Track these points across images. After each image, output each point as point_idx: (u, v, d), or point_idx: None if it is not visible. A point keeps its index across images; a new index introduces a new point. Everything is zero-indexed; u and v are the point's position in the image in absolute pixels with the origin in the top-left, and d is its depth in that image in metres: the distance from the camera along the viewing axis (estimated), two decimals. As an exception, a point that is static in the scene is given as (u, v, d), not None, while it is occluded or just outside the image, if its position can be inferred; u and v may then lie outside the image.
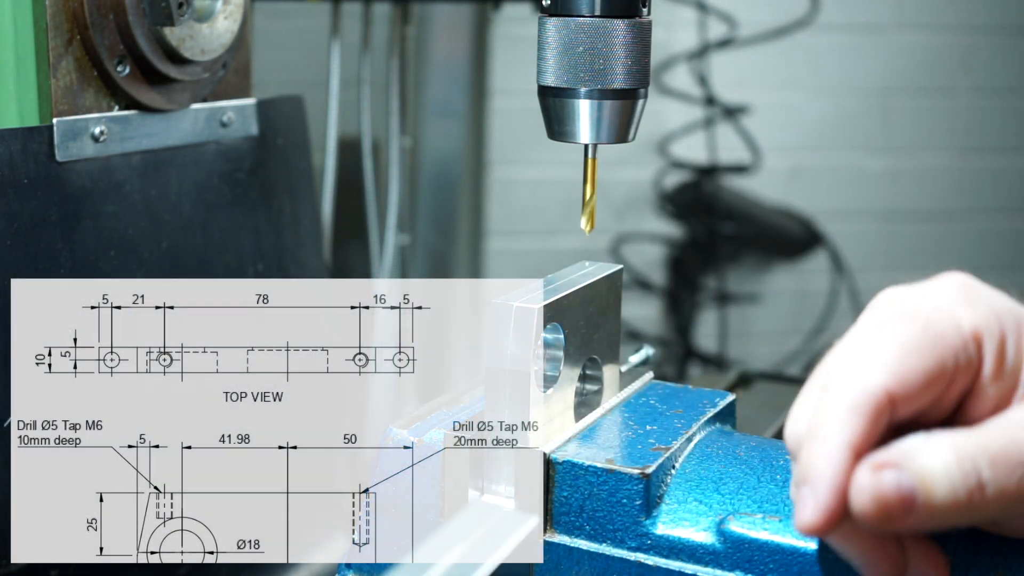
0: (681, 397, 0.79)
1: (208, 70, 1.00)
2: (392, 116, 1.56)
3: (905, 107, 2.67)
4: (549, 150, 2.36)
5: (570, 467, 0.68)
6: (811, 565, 0.62)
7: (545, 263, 2.10)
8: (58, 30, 0.89)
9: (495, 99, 2.02)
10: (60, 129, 0.90)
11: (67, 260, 0.90)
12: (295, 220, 1.14)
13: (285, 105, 1.13)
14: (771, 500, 0.66)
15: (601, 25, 0.76)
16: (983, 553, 0.61)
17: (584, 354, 0.76)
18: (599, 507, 0.67)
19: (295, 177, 1.14)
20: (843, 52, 2.62)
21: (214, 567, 1.07)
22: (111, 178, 0.95)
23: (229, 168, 1.06)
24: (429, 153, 1.81)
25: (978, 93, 2.69)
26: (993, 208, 2.72)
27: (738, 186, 2.55)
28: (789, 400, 0.77)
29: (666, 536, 0.66)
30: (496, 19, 1.87)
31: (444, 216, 1.84)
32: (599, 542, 0.67)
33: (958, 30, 2.66)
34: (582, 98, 0.77)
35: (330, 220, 1.45)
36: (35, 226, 0.88)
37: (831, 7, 2.44)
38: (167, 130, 0.99)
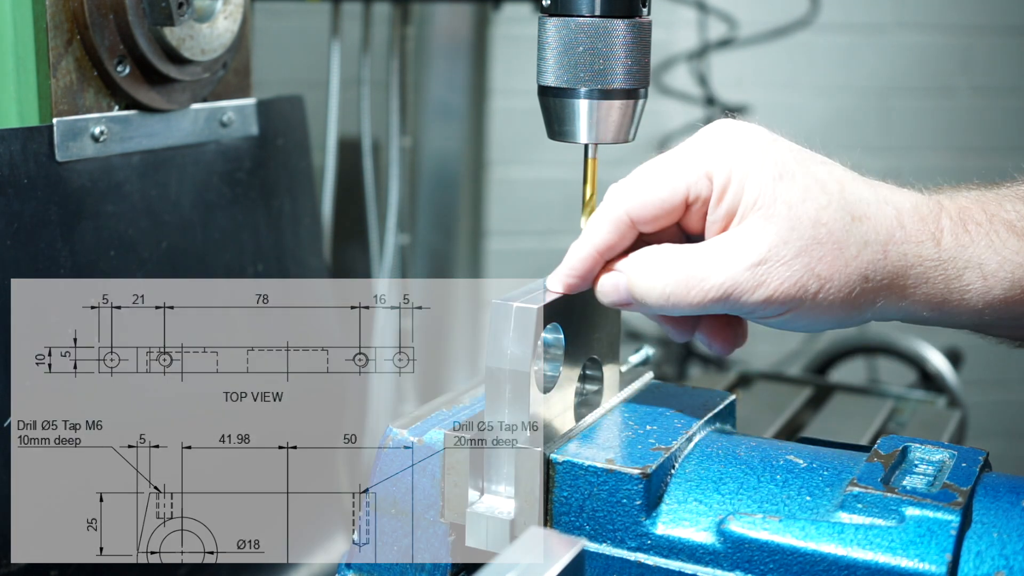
0: (681, 397, 0.79)
1: (208, 70, 1.00)
2: (392, 116, 1.56)
3: (905, 107, 2.67)
4: (549, 150, 2.36)
5: (570, 467, 0.68)
6: (811, 565, 0.62)
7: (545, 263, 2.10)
8: (58, 30, 0.89)
9: (495, 99, 2.02)
10: (60, 129, 0.90)
11: (67, 260, 0.90)
12: (295, 220, 1.14)
13: (285, 105, 1.13)
14: (771, 500, 0.66)
15: (601, 25, 0.76)
16: (984, 553, 0.61)
17: (584, 354, 0.76)
18: (599, 507, 0.67)
19: (295, 177, 1.14)
20: (843, 52, 2.62)
21: (214, 567, 1.07)
22: (111, 178, 0.94)
23: (229, 168, 1.06)
24: (429, 153, 1.81)
25: (978, 93, 2.69)
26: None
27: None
28: (789, 400, 0.76)
29: (666, 536, 0.66)
30: (496, 19, 1.87)
31: (444, 216, 1.84)
32: (599, 542, 0.67)
33: (958, 30, 2.66)
34: (582, 98, 0.77)
35: (330, 220, 1.45)
36: (35, 226, 0.88)
37: (831, 7, 2.44)
38: (167, 130, 0.99)
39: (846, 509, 0.64)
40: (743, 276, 0.68)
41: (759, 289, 0.68)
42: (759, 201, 0.69)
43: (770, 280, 0.68)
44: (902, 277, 0.69)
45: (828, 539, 0.62)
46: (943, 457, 0.69)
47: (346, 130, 1.51)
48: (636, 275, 0.71)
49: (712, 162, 0.70)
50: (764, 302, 0.68)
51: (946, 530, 0.61)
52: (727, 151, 0.71)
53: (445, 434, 0.70)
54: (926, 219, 0.70)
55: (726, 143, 0.71)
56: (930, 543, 0.61)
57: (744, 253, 0.68)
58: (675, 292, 0.69)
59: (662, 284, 0.69)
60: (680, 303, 0.69)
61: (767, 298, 0.68)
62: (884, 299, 0.69)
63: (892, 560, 0.61)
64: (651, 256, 0.71)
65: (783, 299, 0.68)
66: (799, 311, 0.69)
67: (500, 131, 2.25)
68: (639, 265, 0.71)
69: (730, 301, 0.68)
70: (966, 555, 0.61)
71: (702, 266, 0.69)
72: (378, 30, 1.57)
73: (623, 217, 0.71)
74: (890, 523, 0.62)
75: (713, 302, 0.68)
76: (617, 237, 0.72)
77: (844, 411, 1.22)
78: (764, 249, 0.68)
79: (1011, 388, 2.81)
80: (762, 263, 0.68)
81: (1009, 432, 2.73)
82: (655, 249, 0.71)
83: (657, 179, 0.71)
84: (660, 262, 0.70)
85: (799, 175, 0.69)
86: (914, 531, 0.62)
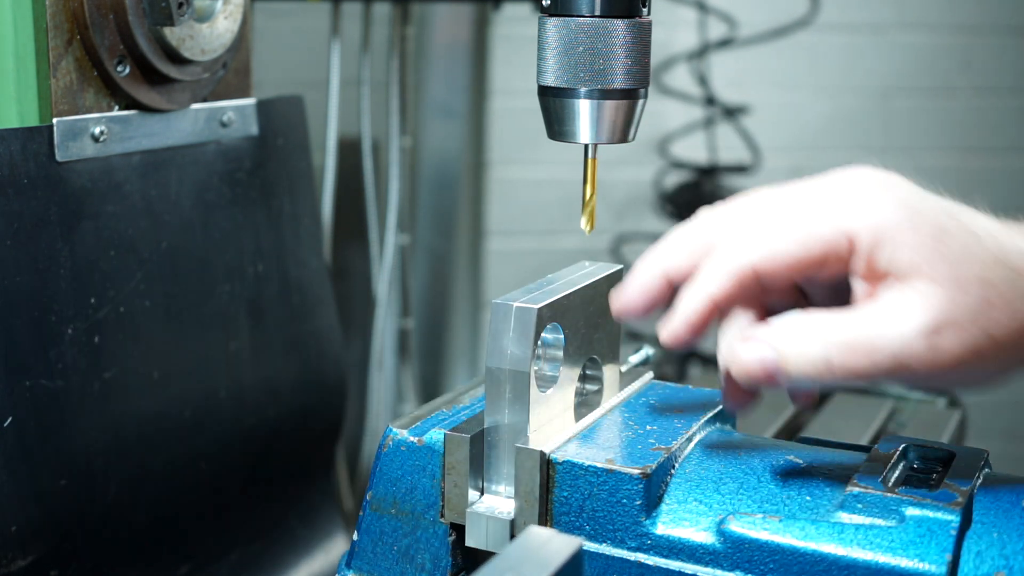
0: (681, 397, 0.79)
1: (208, 70, 1.00)
2: (392, 116, 1.55)
3: (905, 107, 2.67)
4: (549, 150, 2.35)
5: (570, 467, 0.68)
6: (811, 565, 0.62)
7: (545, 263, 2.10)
8: (58, 30, 0.89)
9: (495, 99, 2.02)
10: (60, 129, 0.90)
11: (67, 260, 0.90)
12: (295, 220, 1.14)
13: (285, 105, 1.13)
14: (771, 500, 0.66)
15: (601, 25, 0.76)
16: (984, 553, 0.61)
17: (584, 354, 0.76)
18: (599, 507, 0.67)
19: (295, 177, 1.14)
20: (843, 52, 2.62)
21: (214, 567, 1.07)
22: (111, 178, 0.94)
23: (229, 168, 1.06)
24: (429, 153, 1.81)
25: (978, 93, 2.69)
26: (993, 208, 2.72)
27: (738, 186, 2.54)
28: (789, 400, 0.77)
29: (666, 536, 0.66)
30: (496, 19, 1.87)
31: (444, 216, 1.84)
32: (599, 542, 0.67)
33: (958, 30, 2.66)
34: (582, 98, 0.77)
35: (330, 220, 1.44)
36: (35, 226, 0.88)
37: (831, 7, 2.44)
38: (167, 130, 0.99)
39: (846, 509, 0.64)
40: (917, 343, 0.62)
41: (937, 356, 0.62)
42: (919, 263, 0.63)
43: (945, 347, 0.62)
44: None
45: (828, 539, 0.62)
46: (943, 457, 0.69)
47: (346, 130, 1.51)
48: (787, 343, 0.64)
49: (854, 219, 0.64)
50: (941, 371, 0.63)
51: (946, 530, 0.61)
52: (871, 207, 0.64)
53: (445, 434, 0.70)
54: None
55: (868, 197, 0.65)
56: (930, 543, 0.61)
57: (915, 319, 0.62)
58: (837, 358, 0.63)
59: (822, 350, 0.63)
60: (843, 369, 0.63)
61: (944, 366, 0.62)
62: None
63: (892, 560, 0.61)
64: (803, 323, 0.65)
65: (959, 364, 0.62)
66: (973, 374, 0.64)
67: (500, 131, 2.24)
68: (789, 333, 0.64)
69: (901, 369, 0.62)
70: (966, 555, 0.61)
71: (869, 331, 0.63)
72: (378, 30, 1.57)
73: (748, 271, 0.65)
74: (890, 523, 0.62)
75: (884, 371, 0.63)
76: (738, 290, 0.66)
77: (844, 411, 1.22)
78: (936, 314, 0.62)
79: (1011, 388, 2.79)
80: (938, 330, 0.62)
81: (1009, 432, 2.72)
82: (804, 316, 0.65)
83: (788, 231, 0.65)
84: (815, 329, 0.64)
85: (956, 232, 0.64)
86: (914, 531, 0.62)
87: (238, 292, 1.07)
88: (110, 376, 0.94)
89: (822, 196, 0.66)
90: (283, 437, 1.13)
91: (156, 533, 1.00)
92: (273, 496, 1.14)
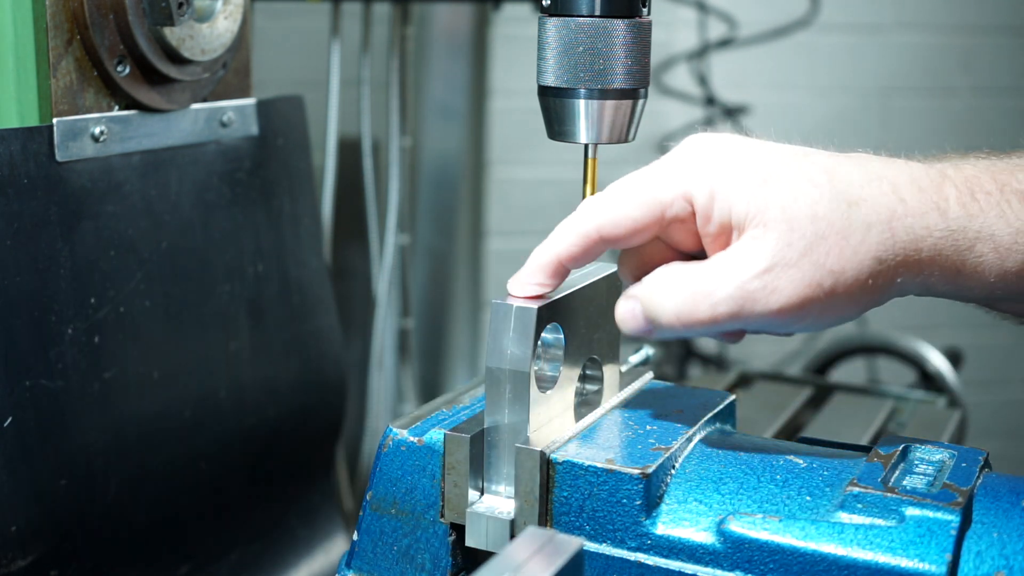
0: (681, 397, 0.79)
1: (208, 70, 1.00)
2: (392, 116, 1.55)
3: (905, 107, 2.67)
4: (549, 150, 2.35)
5: (570, 467, 0.68)
6: (811, 565, 0.62)
7: (545, 263, 2.10)
8: (58, 30, 0.89)
9: (495, 99, 2.02)
10: (60, 129, 0.90)
11: (67, 260, 0.90)
12: (295, 220, 1.14)
13: (285, 105, 1.13)
14: (771, 500, 0.66)
15: (601, 25, 0.76)
16: (984, 553, 0.61)
17: (584, 354, 0.76)
18: (599, 507, 0.67)
19: (295, 177, 1.14)
20: (843, 52, 2.62)
21: (214, 567, 1.07)
22: (111, 178, 0.94)
23: (229, 168, 1.06)
24: (429, 153, 1.81)
25: (978, 93, 2.69)
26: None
27: (738, 186, 2.54)
28: (789, 400, 0.76)
29: (666, 536, 0.66)
30: (496, 19, 1.87)
31: (444, 216, 1.84)
32: (599, 542, 0.67)
33: (958, 30, 2.66)
34: (582, 98, 0.77)
35: (330, 220, 1.44)
36: (35, 226, 0.88)
37: (831, 7, 2.44)
38: (167, 130, 0.99)
39: (846, 509, 0.64)
40: (752, 285, 0.66)
41: (772, 296, 0.65)
42: (751, 211, 0.66)
43: (781, 285, 0.65)
44: (915, 252, 0.67)
45: (828, 539, 0.62)
46: (943, 457, 0.69)
47: (346, 130, 1.51)
48: (647, 297, 0.69)
49: (690, 181, 0.69)
50: (779, 310, 0.66)
51: (946, 530, 0.61)
52: (704, 167, 0.69)
53: (445, 434, 0.70)
54: (926, 190, 0.68)
55: (702, 159, 0.69)
56: (930, 543, 0.61)
57: (749, 263, 0.66)
58: (683, 310, 0.67)
59: (672, 303, 0.67)
60: (690, 321, 0.67)
61: (782, 305, 0.66)
62: (902, 276, 0.67)
63: (892, 560, 0.61)
64: (661, 278, 0.69)
65: (799, 302, 0.66)
66: (819, 310, 0.66)
67: (500, 131, 2.24)
68: (650, 287, 0.69)
69: (743, 314, 0.66)
70: (966, 555, 0.61)
71: (707, 280, 0.67)
72: (378, 30, 1.57)
73: (592, 232, 0.70)
74: (890, 523, 0.62)
75: (725, 317, 0.66)
76: (581, 250, 0.70)
77: (844, 411, 1.22)
78: (768, 255, 0.66)
79: (1011, 388, 2.81)
80: (769, 270, 0.65)
81: (1009, 432, 2.73)
82: (664, 270, 0.69)
83: (630, 197, 0.69)
84: (668, 283, 0.68)
85: (784, 175, 0.67)
86: (914, 531, 0.62)
87: (238, 292, 1.07)
88: (110, 376, 0.94)
89: (666, 163, 0.70)
90: (283, 437, 1.12)
91: (156, 533, 1.00)
92: (273, 496, 1.14)
